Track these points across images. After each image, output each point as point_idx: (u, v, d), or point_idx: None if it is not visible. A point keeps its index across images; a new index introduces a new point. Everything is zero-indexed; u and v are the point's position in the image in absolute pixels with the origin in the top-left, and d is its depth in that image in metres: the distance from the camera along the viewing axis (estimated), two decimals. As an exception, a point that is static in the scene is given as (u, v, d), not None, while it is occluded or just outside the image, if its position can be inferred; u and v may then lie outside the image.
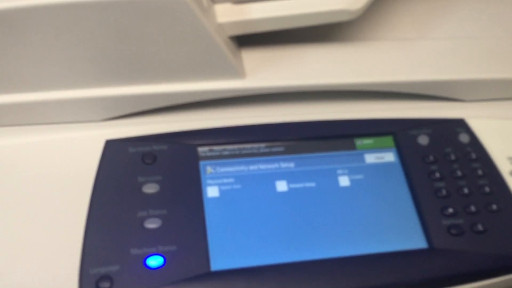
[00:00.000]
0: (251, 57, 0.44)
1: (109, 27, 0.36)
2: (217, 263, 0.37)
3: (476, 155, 0.44)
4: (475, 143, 0.45)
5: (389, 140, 0.45)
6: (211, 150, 0.42)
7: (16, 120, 0.41)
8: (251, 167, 0.42)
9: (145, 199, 0.39)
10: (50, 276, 0.35)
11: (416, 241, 0.40)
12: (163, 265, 0.36)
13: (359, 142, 0.44)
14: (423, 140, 0.44)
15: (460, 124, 0.46)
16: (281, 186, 0.41)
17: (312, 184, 0.41)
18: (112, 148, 0.41)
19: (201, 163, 0.41)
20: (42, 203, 0.38)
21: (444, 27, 0.51)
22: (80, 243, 0.36)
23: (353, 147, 0.44)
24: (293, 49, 0.46)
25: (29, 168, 0.40)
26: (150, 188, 0.39)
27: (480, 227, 0.40)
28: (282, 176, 0.42)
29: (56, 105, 0.41)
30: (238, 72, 0.42)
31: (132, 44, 0.38)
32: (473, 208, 0.41)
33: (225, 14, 0.42)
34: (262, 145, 0.43)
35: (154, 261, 0.36)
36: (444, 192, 0.42)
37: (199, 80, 0.42)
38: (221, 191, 0.40)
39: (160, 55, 0.39)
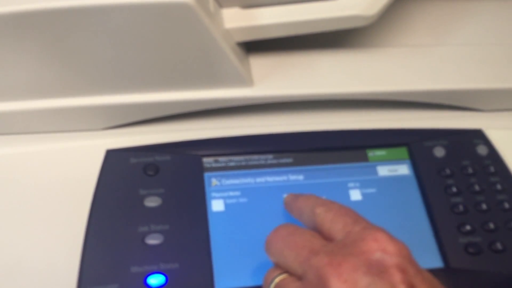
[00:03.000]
0: (259, 64, 0.43)
1: (111, 32, 0.35)
2: (222, 282, 0.35)
3: (495, 168, 0.42)
4: (494, 156, 0.43)
5: (403, 151, 0.43)
6: (216, 161, 0.40)
7: (13, 129, 0.40)
8: (258, 180, 0.40)
9: (147, 213, 0.37)
10: (46, 295, 0.34)
11: (432, 259, 0.38)
12: (165, 284, 0.34)
13: (372, 153, 0.42)
14: (439, 152, 0.42)
15: (478, 135, 0.44)
16: (289, 199, 0.39)
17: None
18: (113, 158, 0.39)
19: (206, 174, 0.39)
20: (39, 215, 0.37)
21: (461, 33, 0.49)
22: (78, 259, 0.35)
23: (365, 158, 0.42)
24: (303, 56, 0.44)
25: (25, 178, 0.38)
26: (152, 202, 0.37)
27: (499, 246, 0.39)
28: (291, 189, 0.40)
29: (55, 113, 0.39)
30: (245, 79, 0.40)
31: (134, 50, 0.36)
32: (491, 225, 0.39)
33: (233, 19, 0.40)
34: (270, 156, 0.41)
35: (155, 280, 0.34)
36: (461, 207, 0.40)
37: (204, 88, 0.40)
38: (226, 205, 0.39)
39: (163, 62, 0.38)
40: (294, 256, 0.30)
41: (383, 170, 0.42)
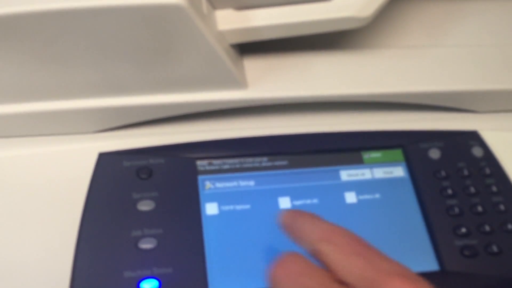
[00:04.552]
0: (253, 65, 0.42)
1: (102, 35, 0.34)
2: (216, 287, 0.35)
3: (490, 170, 0.42)
4: (489, 157, 0.43)
5: (398, 153, 0.42)
6: (210, 164, 0.40)
7: (4, 132, 0.40)
8: (253, 182, 0.40)
9: (140, 217, 0.37)
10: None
11: (427, 263, 0.38)
12: (158, 289, 0.34)
13: (367, 155, 0.42)
14: (434, 153, 0.42)
15: (473, 137, 0.44)
16: (284, 202, 0.39)
17: (317, 201, 0.39)
18: (106, 161, 0.39)
19: (200, 177, 0.39)
20: (30, 219, 0.36)
21: (456, 34, 0.49)
22: (70, 264, 0.34)
23: (360, 161, 0.42)
24: (298, 57, 0.44)
25: (17, 182, 0.38)
26: (145, 205, 0.37)
27: (494, 248, 0.38)
28: (285, 192, 0.39)
29: (47, 116, 0.39)
30: (239, 82, 0.40)
31: (127, 52, 0.36)
32: (487, 228, 0.39)
33: (227, 21, 0.40)
34: (265, 158, 0.41)
35: (149, 285, 0.34)
36: (456, 210, 0.40)
37: (198, 91, 0.40)
38: (220, 208, 0.38)
39: (156, 64, 0.37)
40: None
41: (379, 172, 0.42)
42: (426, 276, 0.36)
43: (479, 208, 0.40)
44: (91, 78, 0.37)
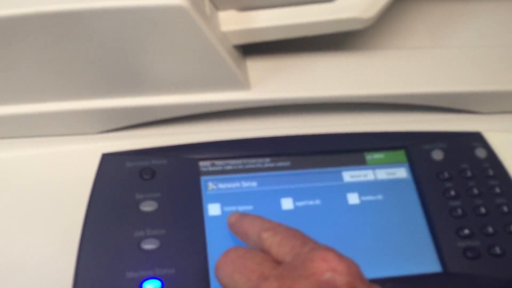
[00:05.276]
0: (256, 66, 0.43)
1: (105, 36, 0.35)
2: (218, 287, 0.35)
3: (493, 171, 0.42)
4: (493, 159, 0.43)
5: (401, 154, 0.42)
6: (213, 165, 0.40)
7: (8, 133, 0.40)
8: (255, 183, 0.40)
9: (143, 218, 0.37)
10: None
11: (430, 264, 0.38)
12: (161, 289, 0.34)
13: (370, 156, 0.42)
14: (437, 155, 0.42)
15: (476, 138, 0.44)
16: (287, 203, 0.39)
17: (319, 202, 0.39)
18: (109, 162, 0.39)
19: (202, 178, 0.39)
20: (33, 219, 0.37)
21: (460, 35, 0.49)
22: (73, 265, 0.34)
23: (363, 161, 0.42)
24: (301, 59, 0.44)
25: (20, 183, 0.38)
26: (148, 206, 0.37)
27: (497, 250, 0.38)
28: (288, 193, 0.39)
29: (50, 117, 0.39)
30: (242, 83, 0.40)
31: (130, 53, 0.36)
32: (490, 229, 0.39)
33: (230, 22, 0.40)
34: (267, 159, 0.41)
35: (151, 285, 0.34)
36: (459, 211, 0.40)
37: (200, 92, 0.40)
38: (223, 209, 0.38)
39: (159, 65, 0.37)
40: (244, 280, 0.29)
41: (381, 173, 0.41)
42: (429, 277, 0.37)
43: (482, 210, 0.40)
44: (94, 79, 0.37)
